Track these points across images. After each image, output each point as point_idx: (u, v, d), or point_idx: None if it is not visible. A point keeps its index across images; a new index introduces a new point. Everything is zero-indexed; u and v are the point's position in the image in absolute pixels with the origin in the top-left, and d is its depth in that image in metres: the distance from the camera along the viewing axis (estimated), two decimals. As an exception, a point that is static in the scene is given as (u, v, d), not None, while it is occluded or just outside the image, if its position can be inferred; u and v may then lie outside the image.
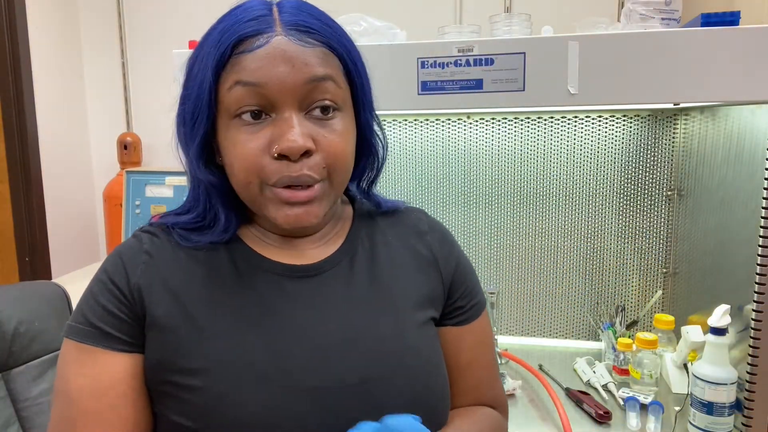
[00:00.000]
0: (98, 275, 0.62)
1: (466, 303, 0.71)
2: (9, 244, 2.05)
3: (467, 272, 0.73)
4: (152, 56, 2.22)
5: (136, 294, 0.59)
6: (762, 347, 0.98)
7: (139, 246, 0.63)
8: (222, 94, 0.57)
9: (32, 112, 2.02)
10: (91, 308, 0.60)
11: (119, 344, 0.59)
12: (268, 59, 0.55)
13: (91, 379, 0.58)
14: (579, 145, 1.44)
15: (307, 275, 0.63)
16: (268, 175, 0.56)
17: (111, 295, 0.60)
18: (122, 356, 0.59)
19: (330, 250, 0.66)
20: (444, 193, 1.51)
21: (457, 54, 1.03)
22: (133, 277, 0.60)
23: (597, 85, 0.99)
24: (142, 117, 2.29)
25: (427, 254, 0.70)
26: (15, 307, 1.05)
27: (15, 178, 2.01)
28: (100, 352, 0.59)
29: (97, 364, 0.58)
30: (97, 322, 0.59)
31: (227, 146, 0.58)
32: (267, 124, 0.57)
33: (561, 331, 1.51)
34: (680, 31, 0.96)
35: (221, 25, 0.58)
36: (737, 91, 0.95)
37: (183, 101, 0.61)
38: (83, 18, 2.26)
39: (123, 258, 0.62)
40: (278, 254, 0.64)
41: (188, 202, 0.66)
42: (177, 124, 0.63)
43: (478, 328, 0.73)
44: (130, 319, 0.59)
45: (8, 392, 1.02)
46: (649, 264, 1.45)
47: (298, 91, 0.56)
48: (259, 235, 0.66)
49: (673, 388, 1.19)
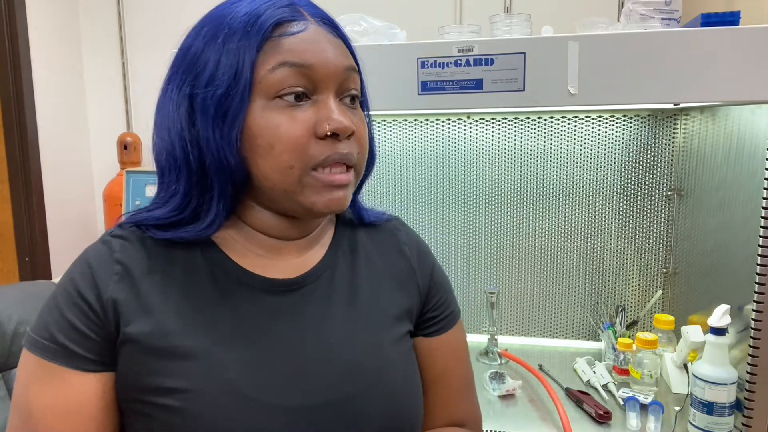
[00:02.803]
0: (65, 285, 0.57)
1: (440, 313, 0.71)
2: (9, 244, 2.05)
3: (441, 282, 0.73)
4: (152, 56, 2.22)
5: (110, 310, 0.55)
6: (762, 347, 0.98)
7: (109, 254, 0.58)
8: (260, 74, 0.55)
9: (32, 112, 2.02)
10: (57, 323, 0.55)
11: (88, 364, 0.55)
12: (312, 43, 0.56)
13: (55, 399, 0.55)
14: (579, 145, 1.44)
15: (288, 290, 0.61)
16: (314, 156, 0.55)
17: (79, 311, 0.55)
18: (91, 376, 0.55)
19: (312, 260, 0.64)
20: (444, 193, 1.51)
21: (457, 54, 1.03)
22: (105, 291, 0.56)
23: (597, 85, 0.99)
24: (142, 117, 2.29)
25: (405, 267, 0.70)
26: (15, 307, 1.05)
27: (15, 178, 2.01)
28: (66, 372, 0.55)
29: (63, 384, 0.55)
30: (64, 340, 0.55)
31: (264, 128, 0.55)
32: (308, 107, 0.56)
33: (561, 331, 1.51)
34: (680, 31, 0.96)
35: (242, 8, 0.56)
36: (737, 91, 0.95)
37: (207, 84, 0.56)
38: (83, 18, 2.26)
39: (92, 268, 0.57)
40: (259, 264, 0.62)
41: (161, 196, 0.61)
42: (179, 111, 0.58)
43: (452, 340, 0.72)
44: (100, 338, 0.55)
45: (8, 392, 1.02)
46: (649, 264, 1.45)
47: (339, 76, 0.57)
48: (241, 240, 0.62)
49: (673, 388, 1.19)
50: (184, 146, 0.57)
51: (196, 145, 0.57)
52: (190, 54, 0.58)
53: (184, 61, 0.58)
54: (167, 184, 0.60)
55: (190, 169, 0.57)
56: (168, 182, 0.60)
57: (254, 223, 0.62)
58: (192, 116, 0.57)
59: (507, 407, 1.15)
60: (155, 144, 0.61)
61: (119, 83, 2.29)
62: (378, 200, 1.55)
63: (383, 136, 1.53)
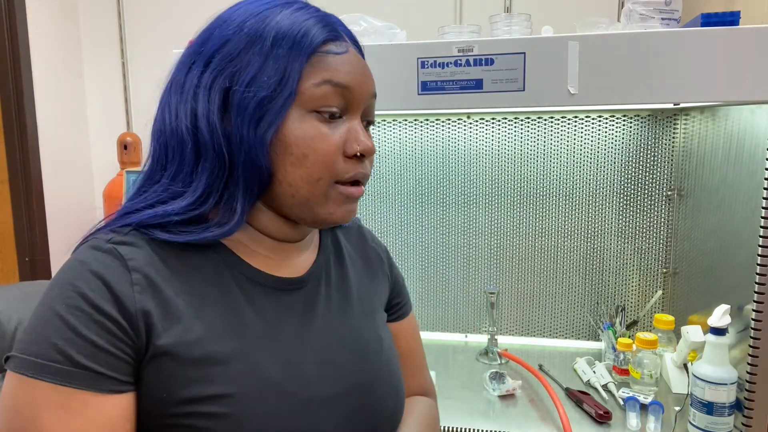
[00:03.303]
0: (69, 300, 0.51)
1: (402, 299, 0.80)
2: (9, 244, 2.05)
3: (397, 270, 0.82)
4: (152, 56, 2.22)
5: (141, 323, 0.52)
6: (762, 347, 0.98)
7: (121, 263, 0.53)
8: (304, 86, 0.57)
9: (32, 112, 2.02)
10: (73, 343, 0.49)
11: (115, 385, 0.51)
12: (354, 66, 0.60)
13: (78, 427, 0.49)
14: (579, 145, 1.44)
15: (297, 288, 0.64)
16: (341, 173, 0.59)
17: (100, 328, 0.50)
18: (117, 398, 0.51)
19: (308, 261, 0.68)
20: (444, 193, 1.51)
21: (457, 54, 1.03)
22: (130, 303, 0.52)
23: (597, 85, 0.99)
24: (142, 117, 2.29)
25: (376, 260, 0.77)
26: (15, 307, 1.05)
27: (15, 178, 2.01)
28: (90, 396, 0.50)
29: (86, 410, 0.49)
30: (85, 361, 0.49)
31: (300, 138, 0.57)
32: (339, 125, 0.59)
33: (561, 331, 1.51)
34: (680, 31, 0.96)
35: (287, 16, 0.57)
36: (737, 91, 0.95)
37: (249, 84, 0.55)
38: (83, 18, 2.26)
39: (106, 280, 0.52)
40: (268, 265, 0.63)
41: (168, 189, 0.57)
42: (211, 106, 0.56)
43: (412, 322, 0.82)
44: (126, 355, 0.51)
45: (8, 392, 1.02)
46: (649, 264, 1.45)
47: (367, 101, 0.61)
48: (247, 242, 0.62)
49: (673, 388, 1.19)
50: (212, 134, 0.55)
51: (226, 138, 0.56)
52: (228, 47, 0.57)
53: (220, 53, 0.57)
54: (175, 173, 0.57)
55: (218, 159, 0.56)
56: (177, 171, 0.57)
57: (260, 227, 0.62)
58: (225, 109, 0.56)
59: (507, 407, 1.15)
60: (162, 122, 0.58)
61: (119, 83, 2.29)
62: (378, 200, 1.55)
63: (383, 136, 1.53)
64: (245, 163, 0.56)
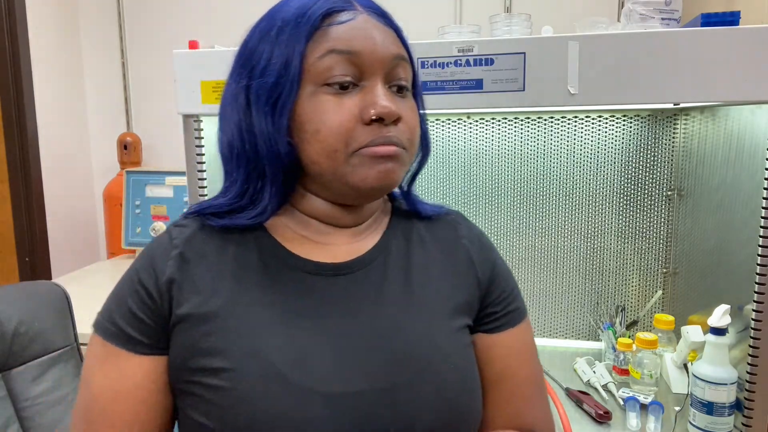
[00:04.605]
0: (130, 272, 0.62)
1: (500, 309, 0.68)
2: (9, 244, 2.05)
3: (504, 277, 0.70)
4: (152, 56, 2.22)
5: (165, 292, 0.59)
6: (762, 347, 0.98)
7: (168, 242, 0.62)
8: (309, 63, 0.57)
9: (32, 112, 2.02)
10: (119, 308, 0.60)
11: (142, 348, 0.59)
12: (360, 31, 0.58)
13: (112, 381, 0.59)
14: (579, 145, 1.44)
15: (338, 273, 0.62)
16: (359, 141, 0.57)
17: (138, 298, 0.59)
18: (145, 359, 0.59)
19: (364, 247, 0.64)
20: (444, 193, 1.51)
21: (457, 54, 1.03)
22: (162, 275, 0.59)
23: (597, 85, 0.99)
24: (142, 117, 2.29)
25: (463, 259, 0.68)
26: (15, 307, 1.05)
27: (15, 178, 2.01)
28: (123, 354, 0.59)
29: (119, 366, 0.59)
30: (122, 324, 0.59)
31: (312, 113, 0.57)
32: (355, 94, 0.58)
33: (561, 331, 1.51)
34: (680, 31, 0.96)
35: (295, 2, 0.59)
36: (737, 91, 0.95)
37: (256, 74, 0.59)
38: (83, 18, 2.26)
39: (152, 256, 0.61)
40: (309, 249, 0.63)
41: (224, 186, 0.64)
42: (238, 100, 0.60)
43: (514, 339, 0.68)
44: (154, 323, 0.59)
45: (8, 392, 1.02)
46: (649, 264, 1.45)
47: (387, 63, 0.58)
48: (293, 225, 0.64)
49: (673, 388, 1.19)
50: (241, 135, 0.60)
51: (251, 134, 0.59)
52: (247, 50, 0.61)
53: (242, 57, 0.61)
54: (229, 174, 0.63)
55: (248, 157, 0.60)
56: (230, 171, 0.63)
57: (307, 210, 0.64)
58: (248, 106, 0.59)
59: (507, 407, 1.15)
60: (219, 138, 0.64)
61: (119, 83, 2.29)
62: (378, 200, 1.55)
63: (383, 136, 1.53)
64: (268, 152, 0.59)
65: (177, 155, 2.15)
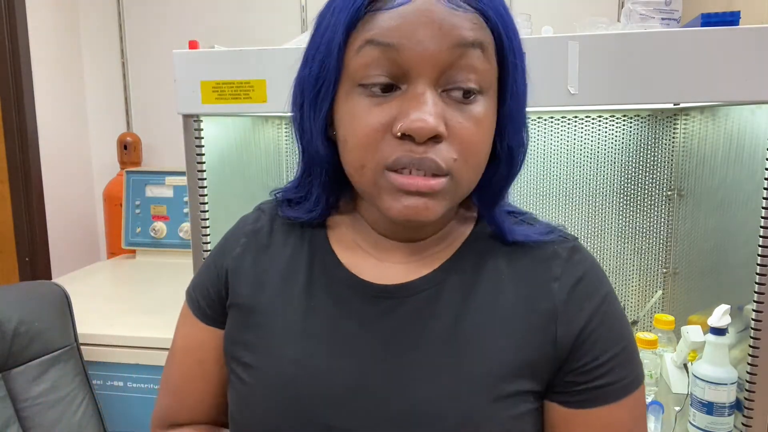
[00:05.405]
0: (219, 242, 0.66)
1: (588, 381, 0.51)
2: (9, 244, 2.05)
3: (601, 341, 0.52)
4: (152, 56, 2.22)
5: (223, 277, 0.62)
6: (762, 347, 0.98)
7: (243, 226, 0.65)
8: (349, 56, 0.48)
9: (32, 112, 2.02)
10: (198, 276, 0.66)
11: (206, 318, 0.64)
12: (409, 17, 0.45)
13: (185, 339, 0.66)
14: (579, 145, 1.44)
15: (380, 296, 0.53)
16: (385, 154, 0.46)
17: (210, 273, 0.64)
18: (208, 329, 0.64)
19: (421, 270, 0.54)
20: (444, 193, 1.51)
21: (457, 54, 1.03)
22: (227, 260, 0.63)
23: (597, 85, 0.99)
24: (142, 117, 2.29)
25: (545, 307, 0.52)
26: (15, 307, 1.05)
27: (15, 178, 2.01)
28: (193, 318, 0.65)
29: (191, 327, 0.65)
30: (196, 294, 0.65)
31: (344, 118, 0.49)
32: (395, 98, 0.47)
33: (561, 331, 1.51)
34: (680, 31, 0.96)
35: None
36: (737, 91, 0.95)
37: (306, 63, 0.52)
38: (83, 18, 2.26)
39: (227, 239, 0.65)
40: (359, 261, 0.57)
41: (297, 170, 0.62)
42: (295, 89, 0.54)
43: (606, 420, 0.51)
44: (217, 300, 0.63)
45: (8, 392, 1.02)
46: (649, 264, 1.45)
47: (440, 60, 0.46)
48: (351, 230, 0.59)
49: (673, 388, 1.19)
50: (294, 123, 0.57)
51: (300, 126, 0.55)
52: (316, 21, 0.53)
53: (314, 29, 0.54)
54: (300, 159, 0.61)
55: (302, 154, 0.58)
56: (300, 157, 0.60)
57: (365, 216, 0.58)
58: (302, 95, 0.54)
59: (507, 407, 1.15)
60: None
61: (119, 83, 2.29)
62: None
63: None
64: (307, 152, 0.56)
65: (177, 155, 2.15)
